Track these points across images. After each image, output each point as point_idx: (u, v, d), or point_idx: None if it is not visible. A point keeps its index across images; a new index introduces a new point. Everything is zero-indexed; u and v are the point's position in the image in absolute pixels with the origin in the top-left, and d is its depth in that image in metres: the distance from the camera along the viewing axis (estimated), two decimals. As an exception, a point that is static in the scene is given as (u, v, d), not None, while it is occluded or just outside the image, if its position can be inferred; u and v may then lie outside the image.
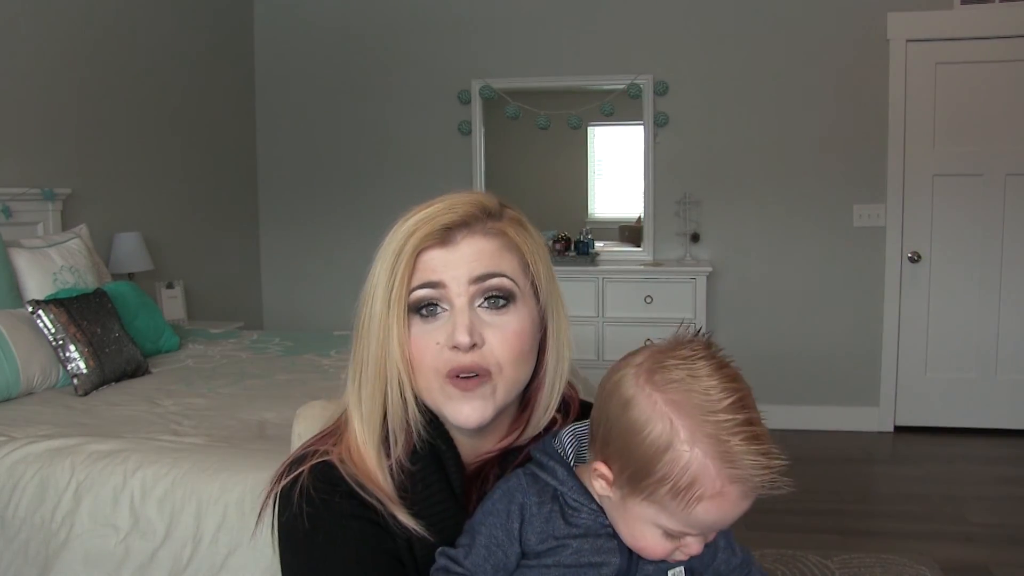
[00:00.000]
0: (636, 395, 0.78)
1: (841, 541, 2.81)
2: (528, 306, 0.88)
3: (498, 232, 0.87)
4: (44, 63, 3.15)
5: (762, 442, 0.75)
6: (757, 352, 4.21)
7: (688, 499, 0.74)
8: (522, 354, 0.86)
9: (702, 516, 0.75)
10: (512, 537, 0.81)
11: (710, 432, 0.74)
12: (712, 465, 0.74)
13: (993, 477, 3.50)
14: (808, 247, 4.15)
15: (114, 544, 1.70)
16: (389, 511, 0.85)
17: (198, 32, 4.14)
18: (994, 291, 3.99)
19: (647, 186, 4.27)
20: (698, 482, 0.74)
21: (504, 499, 0.83)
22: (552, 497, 0.83)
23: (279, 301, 4.73)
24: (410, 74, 4.46)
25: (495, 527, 0.82)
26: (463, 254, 0.85)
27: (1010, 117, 3.89)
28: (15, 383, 2.34)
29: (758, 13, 4.09)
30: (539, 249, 0.90)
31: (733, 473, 0.74)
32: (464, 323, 0.83)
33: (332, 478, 0.86)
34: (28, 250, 2.72)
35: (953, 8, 3.89)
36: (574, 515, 0.82)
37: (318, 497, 0.85)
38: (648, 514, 0.78)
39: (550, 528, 0.81)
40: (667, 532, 0.78)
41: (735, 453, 0.73)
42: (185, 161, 4.05)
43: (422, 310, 0.85)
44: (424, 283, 0.85)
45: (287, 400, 2.26)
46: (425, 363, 0.85)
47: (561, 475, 0.83)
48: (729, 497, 0.75)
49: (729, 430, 0.74)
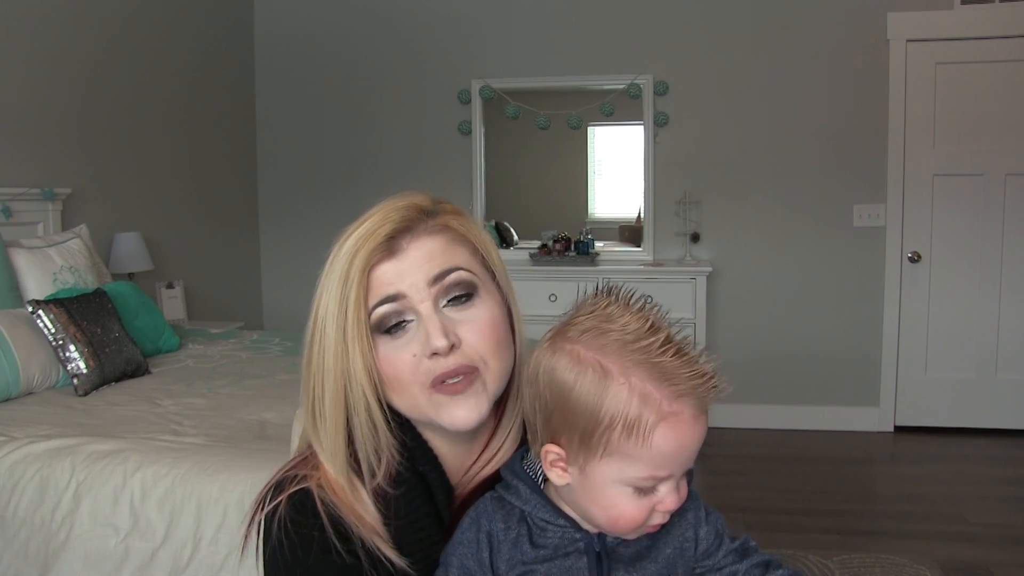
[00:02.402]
0: (557, 360, 0.77)
1: (841, 541, 2.81)
2: (491, 293, 0.86)
3: (441, 227, 0.85)
4: (44, 63, 3.15)
5: (687, 353, 0.75)
6: (757, 352, 4.21)
7: (642, 431, 0.73)
8: (500, 343, 0.84)
9: (663, 445, 0.73)
10: (484, 567, 0.80)
11: (639, 359, 0.74)
12: (653, 388, 0.73)
13: (993, 477, 3.50)
14: (808, 247, 4.15)
15: (114, 544, 1.70)
16: (372, 543, 0.81)
17: (198, 32, 4.14)
18: (994, 291, 3.99)
19: (647, 186, 4.27)
20: (646, 409, 0.73)
21: (472, 527, 0.82)
22: (519, 520, 0.81)
23: (279, 301, 4.73)
24: (410, 74, 4.46)
25: (466, 557, 0.80)
26: (414, 259, 0.82)
27: (1010, 117, 3.89)
28: (15, 383, 2.34)
29: (758, 13, 4.09)
30: (484, 234, 0.89)
31: (674, 389, 0.73)
32: (436, 327, 0.80)
33: (310, 509, 0.82)
34: (28, 250, 2.72)
35: (953, 8, 3.89)
36: (541, 535, 0.80)
37: (295, 531, 0.81)
38: (611, 472, 0.76)
39: (518, 554, 0.79)
40: (637, 487, 0.76)
41: (669, 370, 0.73)
42: (185, 161, 4.05)
43: (390, 329, 0.82)
44: (383, 299, 0.81)
45: (287, 400, 2.26)
46: (403, 379, 0.82)
47: (525, 494, 0.81)
48: (682, 416, 0.73)
49: (656, 351, 0.74)
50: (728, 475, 3.59)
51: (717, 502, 0.96)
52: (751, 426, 4.20)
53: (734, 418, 4.22)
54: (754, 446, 3.95)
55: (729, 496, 3.27)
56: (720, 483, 3.48)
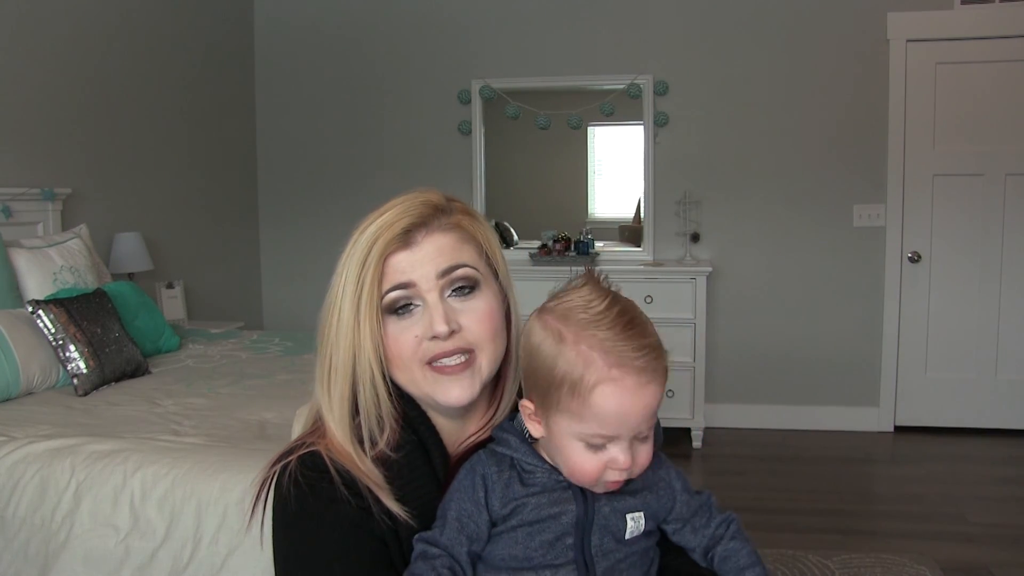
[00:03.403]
0: (533, 326, 0.89)
1: (841, 541, 2.81)
2: (491, 287, 0.96)
3: (453, 226, 0.94)
4: (44, 63, 3.15)
5: (635, 326, 0.85)
6: (757, 352, 4.21)
7: (583, 391, 0.83)
8: (496, 330, 0.94)
9: (602, 405, 0.82)
10: (479, 506, 0.88)
11: (591, 330, 0.84)
12: (597, 356, 0.83)
13: (993, 477, 3.50)
14: (808, 247, 4.15)
15: (114, 544, 1.70)
16: (375, 495, 0.89)
17: (198, 32, 4.14)
18: (994, 291, 3.99)
19: (647, 186, 4.27)
20: (588, 372, 0.83)
21: (468, 475, 0.90)
22: (510, 465, 0.90)
23: (279, 301, 4.73)
24: (410, 74, 4.46)
25: (463, 500, 0.88)
26: (427, 252, 0.92)
27: (1010, 117, 3.89)
28: (15, 383, 2.34)
29: (758, 13, 4.09)
30: (491, 235, 0.98)
31: (614, 358, 0.83)
32: (440, 315, 0.90)
33: (319, 465, 0.91)
34: (28, 250, 2.72)
35: (953, 8, 3.89)
36: (530, 477, 0.89)
37: (305, 482, 0.89)
38: (565, 427, 0.85)
39: (510, 492, 0.88)
40: (588, 443, 0.85)
41: (612, 339, 0.83)
42: (185, 161, 4.05)
43: (398, 310, 0.92)
44: (395, 285, 0.91)
45: (287, 400, 2.26)
46: (405, 356, 0.92)
47: (515, 444, 0.91)
48: (622, 382, 0.82)
49: (606, 325, 0.84)
50: (728, 475, 3.59)
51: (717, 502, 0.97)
52: (751, 426, 4.20)
53: (734, 418, 4.22)
54: (754, 446, 3.95)
55: (729, 496, 3.27)
56: (720, 483, 3.48)
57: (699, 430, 3.94)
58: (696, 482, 3.59)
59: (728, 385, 4.25)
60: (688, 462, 3.75)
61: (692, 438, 3.94)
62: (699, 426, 3.93)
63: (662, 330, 0.89)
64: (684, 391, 3.91)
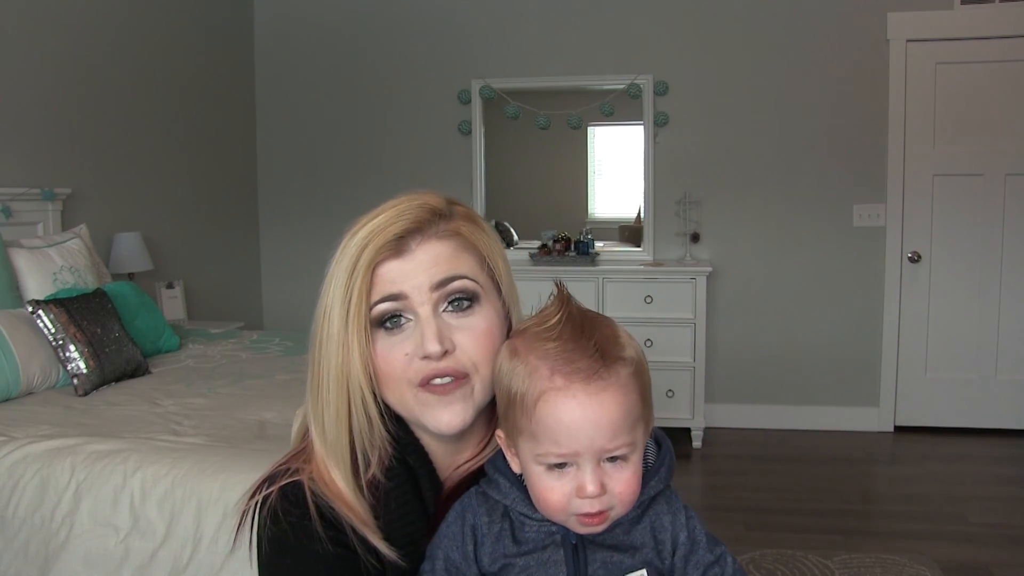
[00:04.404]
0: (501, 349, 0.84)
1: (841, 541, 2.81)
2: (492, 302, 0.87)
3: (452, 233, 0.86)
4: (44, 63, 3.15)
5: (584, 333, 0.78)
6: (757, 352, 4.21)
7: (529, 404, 0.77)
8: (494, 351, 0.85)
9: (547, 415, 0.76)
10: (468, 559, 0.82)
11: (538, 343, 0.79)
12: (541, 364, 0.78)
13: (993, 477, 3.50)
14: (808, 247, 4.15)
15: (114, 544, 1.70)
16: (360, 534, 0.82)
17: (198, 32, 4.14)
18: (994, 291, 3.99)
19: (647, 186, 4.27)
20: (532, 383, 0.77)
21: (458, 521, 0.84)
22: (503, 514, 0.83)
23: (279, 301, 4.73)
24: (410, 74, 4.46)
25: (451, 549, 0.83)
26: (420, 261, 0.83)
27: (1010, 117, 3.89)
28: (15, 383, 2.34)
29: (758, 13, 4.09)
30: (494, 243, 0.89)
31: (557, 365, 0.77)
32: (432, 332, 0.82)
33: (301, 499, 0.84)
34: (28, 250, 2.72)
35: (953, 8, 3.89)
36: (521, 530, 0.82)
37: (286, 520, 0.83)
38: (526, 450, 0.79)
39: (500, 548, 0.82)
40: (546, 464, 0.78)
41: (558, 348, 0.77)
42: (185, 161, 4.05)
43: (386, 323, 0.84)
44: (385, 296, 0.83)
45: (287, 400, 2.26)
46: (394, 375, 0.84)
47: (505, 488, 0.83)
48: (567, 391, 0.76)
49: (554, 333, 0.79)
50: (728, 475, 3.59)
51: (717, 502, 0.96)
52: (751, 426, 4.20)
53: (734, 418, 4.22)
54: (754, 446, 3.95)
55: (729, 496, 3.27)
56: (720, 483, 3.48)
57: (699, 430, 3.94)
58: (696, 482, 3.61)
59: (728, 385, 4.25)
60: (688, 462, 3.75)
61: (692, 438, 3.94)
62: (699, 426, 3.93)
63: (662, 330, 0.86)
64: (684, 391, 3.91)
